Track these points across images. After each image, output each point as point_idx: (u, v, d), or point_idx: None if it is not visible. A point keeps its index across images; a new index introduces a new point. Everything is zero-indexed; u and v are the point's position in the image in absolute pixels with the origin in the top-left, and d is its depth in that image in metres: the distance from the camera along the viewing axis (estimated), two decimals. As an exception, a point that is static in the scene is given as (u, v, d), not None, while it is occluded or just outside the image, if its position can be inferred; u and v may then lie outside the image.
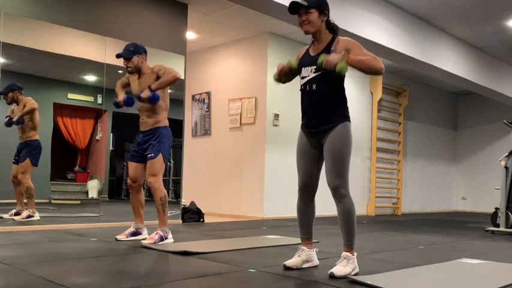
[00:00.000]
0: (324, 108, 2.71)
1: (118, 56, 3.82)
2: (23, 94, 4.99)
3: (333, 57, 2.54)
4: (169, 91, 3.96)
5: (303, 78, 2.79)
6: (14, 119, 4.90)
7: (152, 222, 4.04)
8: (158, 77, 3.77)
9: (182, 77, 5.90)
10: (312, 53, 2.80)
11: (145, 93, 3.72)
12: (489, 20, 6.64)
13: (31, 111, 4.95)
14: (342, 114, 2.71)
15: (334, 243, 4.02)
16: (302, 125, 2.85)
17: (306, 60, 2.80)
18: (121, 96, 3.91)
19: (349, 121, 2.75)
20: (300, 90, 2.82)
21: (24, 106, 4.94)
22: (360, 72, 2.64)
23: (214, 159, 7.68)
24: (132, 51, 3.81)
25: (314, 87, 2.72)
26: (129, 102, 3.86)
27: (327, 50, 2.71)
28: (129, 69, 3.84)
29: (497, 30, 7.04)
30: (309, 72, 2.75)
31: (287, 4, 2.82)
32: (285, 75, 2.88)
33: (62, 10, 4.90)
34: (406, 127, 9.92)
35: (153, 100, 3.71)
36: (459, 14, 6.48)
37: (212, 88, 7.84)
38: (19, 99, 4.97)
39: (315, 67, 2.71)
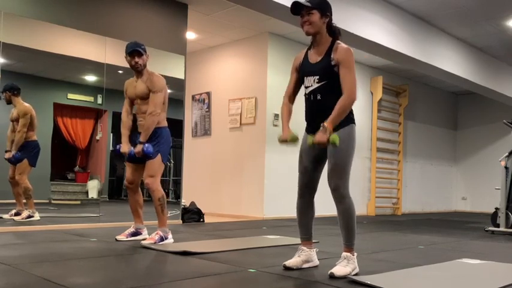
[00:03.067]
0: (329, 116, 2.69)
1: (132, 51, 3.75)
2: (17, 95, 4.94)
3: (320, 137, 2.57)
4: (168, 91, 3.95)
5: (306, 87, 2.79)
6: (10, 157, 4.89)
7: (152, 223, 4.04)
8: (149, 90, 3.75)
9: (178, 77, 5.90)
10: (311, 60, 2.79)
11: (138, 149, 3.70)
12: (489, 20, 6.64)
13: (26, 124, 4.92)
14: (347, 117, 2.71)
15: (334, 243, 4.02)
16: (307, 128, 2.85)
17: (307, 68, 2.79)
18: (125, 146, 3.85)
19: (354, 123, 2.75)
20: (304, 97, 2.82)
21: (18, 115, 4.92)
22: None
23: (214, 160, 7.68)
24: (144, 49, 3.81)
25: (319, 97, 2.72)
26: (132, 155, 3.78)
27: (327, 57, 2.70)
28: (139, 67, 3.79)
29: (497, 30, 7.04)
30: (312, 82, 2.75)
31: (287, 4, 2.82)
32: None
33: (62, 10, 4.90)
34: (406, 127, 9.92)
35: (148, 152, 3.69)
36: (459, 14, 6.48)
37: (212, 88, 7.84)
38: (14, 101, 4.95)
39: (317, 77, 2.72)
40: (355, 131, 2.75)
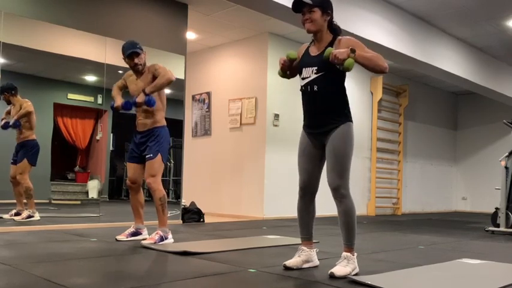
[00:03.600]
0: (325, 109, 2.70)
1: (132, 53, 3.76)
2: (14, 94, 4.95)
3: (341, 52, 2.52)
4: (168, 91, 3.95)
5: (303, 79, 2.78)
6: (11, 123, 4.90)
7: (152, 223, 4.04)
8: (154, 77, 3.76)
9: (178, 78, 5.90)
10: (312, 53, 2.80)
11: (141, 98, 3.70)
12: (489, 20, 6.64)
13: (26, 115, 4.93)
14: (344, 114, 2.71)
15: (334, 243, 4.02)
16: (304, 125, 2.85)
17: (307, 60, 2.80)
18: (118, 100, 3.88)
19: (351, 121, 2.75)
20: (301, 90, 2.82)
21: (21, 108, 4.93)
22: (360, 72, 2.66)
23: (214, 160, 7.68)
24: (140, 48, 3.81)
25: (315, 88, 2.72)
26: (127, 106, 3.82)
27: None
28: (139, 66, 3.79)
29: (497, 30, 7.04)
30: (310, 73, 2.74)
31: (287, 4, 2.83)
32: (289, 69, 2.89)
33: (62, 10, 4.90)
34: (406, 127, 9.92)
35: (149, 104, 3.70)
36: (459, 14, 6.48)
37: (212, 88, 7.84)
38: (14, 100, 4.96)
39: (316, 68, 2.71)
40: (353, 129, 2.75)
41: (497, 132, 10.47)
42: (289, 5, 2.75)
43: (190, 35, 6.99)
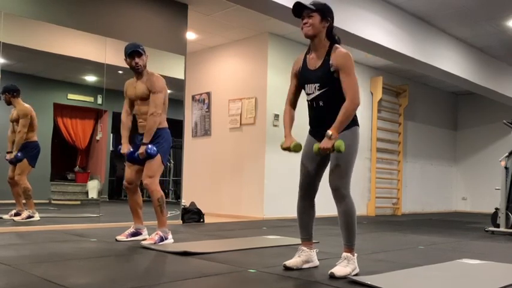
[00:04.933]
0: (332, 121, 2.67)
1: (132, 52, 3.76)
2: (17, 96, 4.93)
3: (325, 144, 2.57)
4: (168, 91, 3.95)
5: (308, 94, 2.79)
6: (12, 158, 4.89)
7: (152, 223, 4.04)
8: (149, 91, 3.75)
9: (178, 78, 5.90)
10: (310, 66, 2.77)
11: (142, 149, 3.70)
12: (489, 20, 6.64)
13: (26, 124, 4.92)
14: (351, 119, 2.71)
15: (334, 243, 4.02)
16: (310, 130, 2.86)
17: (307, 75, 2.78)
18: (125, 147, 3.86)
19: (358, 125, 2.75)
20: (307, 103, 2.82)
21: (19, 117, 4.92)
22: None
23: (214, 160, 7.68)
24: (143, 49, 3.81)
25: (321, 103, 2.72)
26: (133, 156, 3.78)
27: (326, 63, 2.69)
28: (138, 68, 3.79)
29: (497, 30, 7.04)
30: (313, 90, 2.74)
31: (287, 4, 2.82)
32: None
33: (62, 10, 4.90)
34: (406, 127, 9.92)
35: (151, 155, 3.69)
36: (459, 14, 6.48)
37: (212, 88, 7.84)
38: (14, 103, 4.94)
39: (318, 84, 2.71)
40: (359, 133, 2.75)
41: (497, 132, 10.47)
42: (289, 5, 2.75)
43: (190, 35, 6.99)
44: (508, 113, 9.80)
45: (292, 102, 2.91)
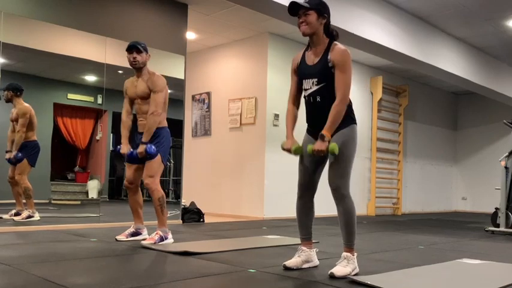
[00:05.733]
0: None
1: (132, 46, 3.78)
2: (19, 96, 4.95)
3: (319, 146, 2.59)
4: (169, 91, 3.96)
5: (305, 90, 2.79)
6: (12, 158, 4.89)
7: (152, 223, 4.04)
8: (149, 89, 3.76)
9: (178, 78, 5.90)
10: (308, 62, 2.78)
11: (141, 148, 3.70)
12: (489, 20, 6.64)
13: (25, 124, 4.92)
14: (348, 117, 2.71)
15: (334, 243, 4.02)
16: (308, 129, 2.85)
17: (305, 70, 2.79)
18: (125, 148, 3.87)
19: (355, 123, 2.75)
20: (304, 99, 2.82)
21: (18, 116, 4.92)
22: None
23: (214, 160, 7.68)
24: (144, 47, 3.83)
25: (318, 99, 2.72)
26: (132, 157, 3.79)
27: (324, 59, 2.69)
28: (136, 63, 3.79)
29: (497, 30, 7.04)
30: (310, 85, 2.75)
31: (287, 4, 2.82)
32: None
33: (62, 10, 4.90)
34: (406, 127, 9.92)
35: (150, 154, 3.70)
36: (459, 14, 6.48)
37: (212, 88, 7.84)
38: (14, 101, 4.95)
39: (316, 79, 2.71)
40: (357, 131, 2.75)
41: (497, 132, 10.47)
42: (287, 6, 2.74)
43: (190, 35, 6.99)
44: (508, 113, 9.80)
45: (295, 101, 2.91)
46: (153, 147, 3.71)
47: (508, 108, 10.09)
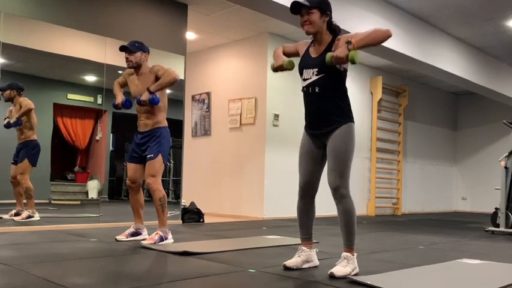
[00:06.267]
0: (327, 110, 2.70)
1: (123, 47, 3.79)
2: (21, 95, 4.97)
3: (339, 52, 2.53)
4: (168, 91, 3.96)
5: (304, 80, 2.78)
6: (12, 121, 4.90)
7: (152, 223, 4.04)
8: (157, 78, 3.77)
9: (182, 77, 5.90)
10: (312, 55, 2.79)
11: (145, 96, 3.71)
12: (489, 20, 6.64)
13: (27, 112, 4.94)
14: (346, 115, 2.71)
15: (334, 243, 4.02)
16: (306, 126, 2.85)
17: (307, 61, 2.79)
18: (119, 98, 3.92)
19: (353, 122, 2.75)
20: (302, 91, 2.82)
21: (20, 107, 4.94)
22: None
23: (214, 160, 7.68)
24: (137, 47, 3.83)
25: (317, 89, 2.72)
26: (127, 104, 3.87)
27: (327, 51, 2.70)
28: (129, 63, 3.81)
29: (497, 30, 7.04)
30: (310, 75, 2.74)
31: (287, 4, 2.82)
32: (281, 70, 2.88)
33: (62, 10, 4.90)
34: (406, 127, 9.92)
35: (153, 102, 3.71)
36: (459, 14, 6.48)
37: (212, 88, 7.84)
38: (16, 99, 4.96)
39: (316, 69, 2.71)
40: (354, 130, 2.75)
41: (497, 132, 10.47)
42: (289, 5, 2.74)
43: (190, 35, 6.99)
44: (508, 113, 9.80)
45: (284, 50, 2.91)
46: (157, 96, 3.71)
47: (508, 108, 10.09)
